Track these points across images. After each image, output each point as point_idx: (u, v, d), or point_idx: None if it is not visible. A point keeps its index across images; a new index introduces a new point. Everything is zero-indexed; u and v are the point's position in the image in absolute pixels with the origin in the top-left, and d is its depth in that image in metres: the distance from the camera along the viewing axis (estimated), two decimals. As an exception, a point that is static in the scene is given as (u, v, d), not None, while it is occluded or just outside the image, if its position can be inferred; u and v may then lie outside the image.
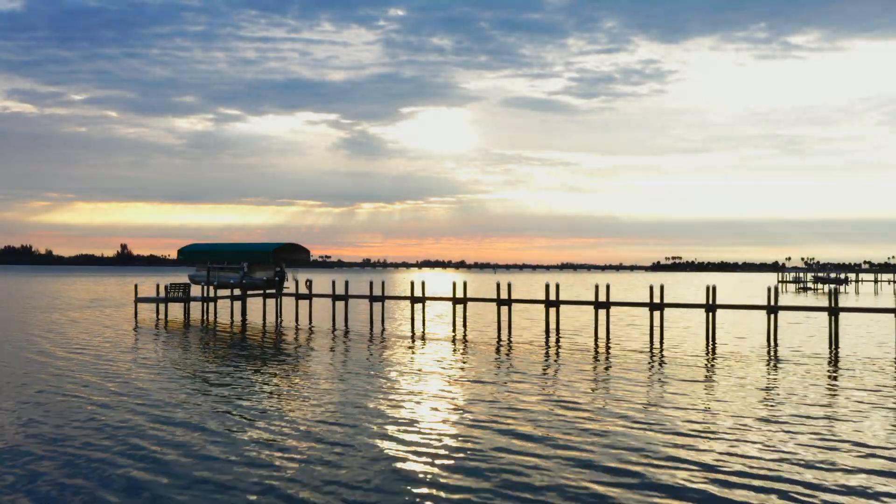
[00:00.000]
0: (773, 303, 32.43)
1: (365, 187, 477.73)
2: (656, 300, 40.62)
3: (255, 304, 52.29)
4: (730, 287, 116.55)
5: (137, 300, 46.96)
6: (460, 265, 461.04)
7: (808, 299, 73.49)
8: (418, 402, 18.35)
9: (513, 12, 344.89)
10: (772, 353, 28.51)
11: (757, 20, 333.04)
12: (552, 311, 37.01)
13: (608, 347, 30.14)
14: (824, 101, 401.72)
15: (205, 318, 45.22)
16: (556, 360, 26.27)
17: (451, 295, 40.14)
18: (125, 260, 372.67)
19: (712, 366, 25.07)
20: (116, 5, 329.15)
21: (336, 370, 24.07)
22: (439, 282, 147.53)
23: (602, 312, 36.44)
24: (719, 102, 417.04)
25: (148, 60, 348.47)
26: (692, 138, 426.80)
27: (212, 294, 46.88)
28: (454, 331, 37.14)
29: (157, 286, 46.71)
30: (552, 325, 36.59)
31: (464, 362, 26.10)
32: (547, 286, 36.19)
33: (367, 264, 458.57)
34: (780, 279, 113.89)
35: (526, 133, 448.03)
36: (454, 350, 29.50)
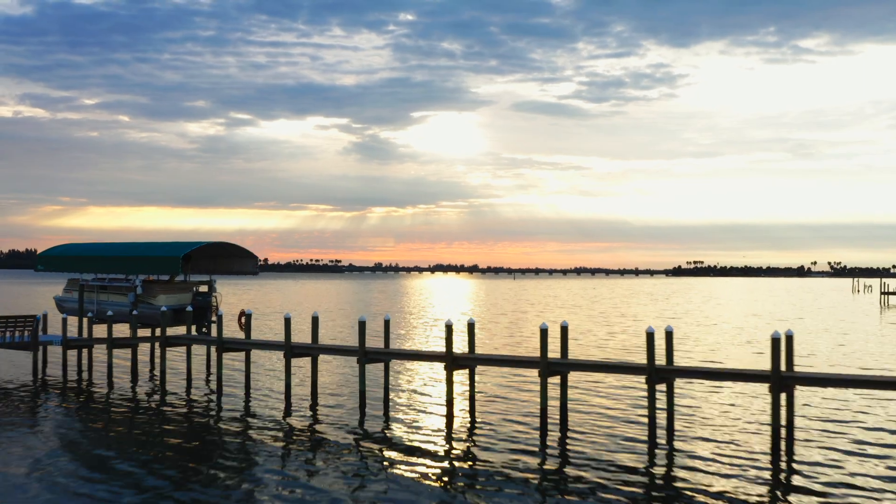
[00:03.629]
0: None
1: (376, 191, 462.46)
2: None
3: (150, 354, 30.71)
4: (775, 300, 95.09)
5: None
6: (473, 269, 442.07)
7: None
8: None
9: (522, 17, 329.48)
10: None
11: (766, 24, 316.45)
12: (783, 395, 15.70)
13: None
14: (834, 104, 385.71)
15: (66, 379, 24.44)
16: None
17: (537, 353, 18.92)
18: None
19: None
20: (127, 10, 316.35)
21: None
22: (456, 289, 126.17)
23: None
24: (729, 106, 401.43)
25: (159, 65, 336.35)
26: (702, 142, 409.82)
27: (86, 334, 26.17)
28: (544, 443, 15.97)
29: (-10, 319, 25.47)
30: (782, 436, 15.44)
31: None
32: (775, 343, 15.08)
33: (378, 268, 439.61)
34: (883, 289, 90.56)
35: (536, 137, 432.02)
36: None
